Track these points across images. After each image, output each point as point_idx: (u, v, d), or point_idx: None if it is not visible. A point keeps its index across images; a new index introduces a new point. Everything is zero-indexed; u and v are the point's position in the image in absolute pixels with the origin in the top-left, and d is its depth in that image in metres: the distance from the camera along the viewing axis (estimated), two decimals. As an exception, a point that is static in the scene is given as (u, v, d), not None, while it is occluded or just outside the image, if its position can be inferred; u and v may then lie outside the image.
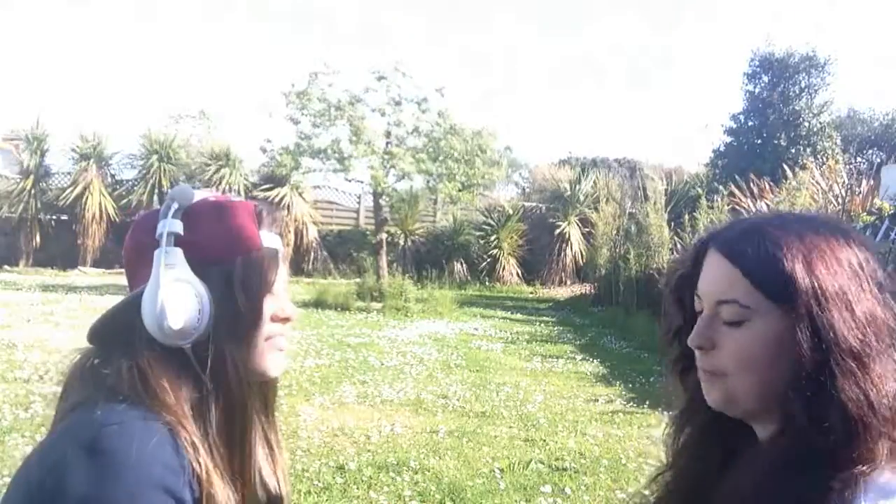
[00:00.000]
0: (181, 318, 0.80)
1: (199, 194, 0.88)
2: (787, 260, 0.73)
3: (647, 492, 0.94)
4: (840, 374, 0.69)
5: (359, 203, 18.33)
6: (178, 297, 0.80)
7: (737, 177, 12.44)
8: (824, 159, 15.10)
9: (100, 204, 16.45)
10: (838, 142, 17.83)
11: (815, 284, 0.71)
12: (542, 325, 10.55)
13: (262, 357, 0.89)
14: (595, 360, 7.54)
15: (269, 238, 0.89)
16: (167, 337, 0.80)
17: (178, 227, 0.84)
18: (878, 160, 16.25)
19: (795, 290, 0.72)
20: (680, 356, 0.87)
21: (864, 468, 0.67)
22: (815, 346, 0.70)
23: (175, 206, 0.85)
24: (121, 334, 0.83)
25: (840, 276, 0.72)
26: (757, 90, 18.13)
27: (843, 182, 9.86)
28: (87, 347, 0.87)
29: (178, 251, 0.82)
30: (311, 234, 16.74)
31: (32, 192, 16.58)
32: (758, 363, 0.74)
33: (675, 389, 0.91)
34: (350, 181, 12.66)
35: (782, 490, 0.70)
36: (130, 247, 0.89)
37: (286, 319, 0.92)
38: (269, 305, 0.89)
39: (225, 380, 0.84)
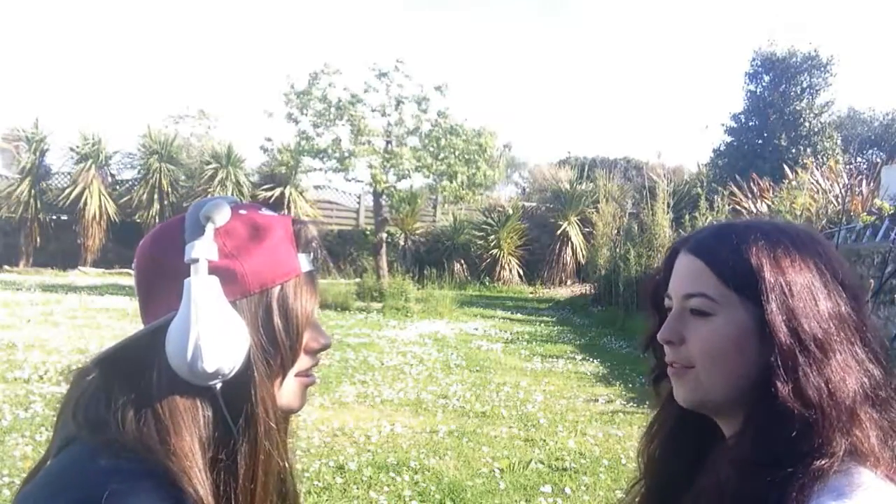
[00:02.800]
0: (218, 359, 0.71)
1: (224, 206, 0.76)
2: (753, 254, 0.75)
3: (627, 498, 0.95)
4: (803, 362, 0.71)
5: (359, 203, 18.33)
6: (215, 336, 0.70)
7: (737, 177, 12.44)
8: (825, 159, 15.09)
9: (99, 204, 16.45)
10: (839, 142, 17.83)
11: (781, 278, 0.74)
12: (542, 325, 10.55)
13: (291, 393, 0.81)
14: (595, 360, 7.53)
15: (304, 261, 0.81)
16: (198, 378, 0.71)
17: (213, 252, 0.73)
18: (878, 160, 16.22)
19: (761, 283, 0.74)
20: (656, 363, 0.88)
21: (823, 463, 0.67)
22: (778, 337, 0.72)
23: (211, 226, 0.74)
24: (134, 368, 0.73)
25: (805, 273, 0.74)
26: (758, 90, 18.14)
27: (843, 182, 9.86)
28: (87, 371, 0.77)
29: (215, 281, 0.72)
30: (313, 232, 16.72)
31: (32, 192, 16.58)
32: (724, 355, 0.76)
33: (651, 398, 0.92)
34: (350, 181, 12.67)
35: (742, 490, 0.71)
36: (149, 265, 0.77)
37: (320, 350, 0.84)
38: (306, 336, 0.81)
39: (254, 422, 0.75)
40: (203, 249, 0.73)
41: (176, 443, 0.71)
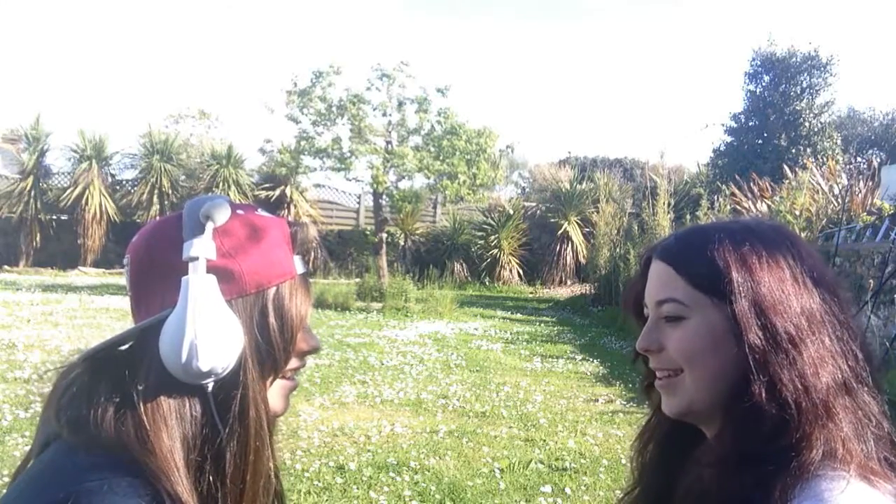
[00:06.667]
0: (213, 358, 0.70)
1: (224, 205, 0.77)
2: (718, 255, 0.76)
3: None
4: (776, 359, 0.71)
5: (359, 203, 18.34)
6: (211, 335, 0.70)
7: (737, 177, 12.44)
8: (824, 159, 15.10)
9: (100, 204, 16.46)
10: (838, 142, 17.83)
11: (748, 276, 0.74)
12: (542, 325, 10.54)
13: (275, 396, 0.81)
14: (595, 360, 7.53)
15: (299, 263, 0.82)
16: (191, 376, 0.71)
17: (212, 251, 0.73)
18: (878, 160, 16.23)
19: (727, 283, 0.74)
20: (647, 372, 0.88)
21: (804, 459, 0.68)
22: (749, 334, 0.72)
23: (211, 225, 0.74)
24: (122, 365, 0.73)
25: (774, 270, 0.75)
26: (758, 90, 18.13)
27: (843, 182, 9.86)
28: (73, 368, 0.76)
29: (213, 280, 0.72)
30: (312, 233, 16.72)
31: (32, 192, 16.59)
32: (702, 357, 0.76)
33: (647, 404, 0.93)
34: (350, 181, 12.67)
35: (725, 489, 0.71)
36: (145, 262, 0.76)
37: (309, 352, 0.84)
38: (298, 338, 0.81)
39: (245, 422, 0.74)
40: (202, 248, 0.72)
41: (155, 441, 0.70)
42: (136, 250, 0.77)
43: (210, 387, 0.73)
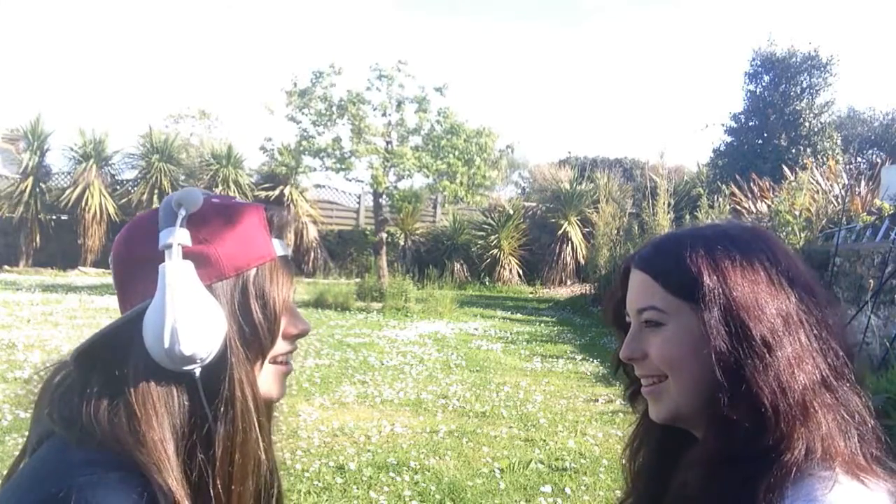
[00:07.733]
0: (195, 342, 0.71)
1: (194, 193, 0.78)
2: (692, 261, 0.77)
3: None
4: (751, 363, 0.71)
5: (359, 203, 18.34)
6: (191, 319, 0.70)
7: (737, 177, 12.43)
8: (825, 159, 15.08)
9: (100, 204, 16.45)
10: (839, 142, 17.80)
11: (721, 281, 0.75)
12: (542, 325, 10.54)
13: (269, 381, 0.81)
14: (595, 360, 7.53)
15: (279, 246, 0.82)
16: (175, 362, 0.71)
17: (186, 237, 0.74)
18: (878, 160, 16.21)
19: (701, 287, 0.75)
20: (629, 381, 0.89)
21: (787, 459, 0.68)
22: (724, 338, 0.73)
23: (183, 213, 0.74)
24: (110, 359, 0.73)
25: (748, 274, 0.75)
26: (758, 90, 18.12)
27: (843, 182, 9.85)
28: (63, 365, 0.77)
29: (189, 265, 0.73)
30: (312, 233, 16.76)
31: (32, 192, 16.58)
32: (683, 361, 0.77)
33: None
34: (350, 180, 12.67)
35: (709, 490, 0.72)
36: (125, 257, 0.78)
37: (298, 335, 0.84)
38: (284, 321, 0.81)
39: (232, 404, 0.75)
40: (176, 235, 0.73)
41: (146, 433, 0.71)
42: (117, 246, 0.79)
43: (197, 373, 0.73)
